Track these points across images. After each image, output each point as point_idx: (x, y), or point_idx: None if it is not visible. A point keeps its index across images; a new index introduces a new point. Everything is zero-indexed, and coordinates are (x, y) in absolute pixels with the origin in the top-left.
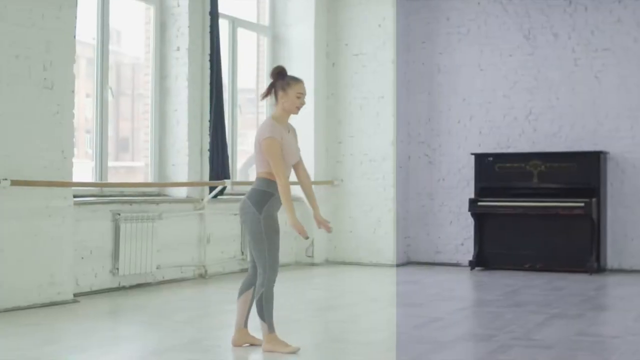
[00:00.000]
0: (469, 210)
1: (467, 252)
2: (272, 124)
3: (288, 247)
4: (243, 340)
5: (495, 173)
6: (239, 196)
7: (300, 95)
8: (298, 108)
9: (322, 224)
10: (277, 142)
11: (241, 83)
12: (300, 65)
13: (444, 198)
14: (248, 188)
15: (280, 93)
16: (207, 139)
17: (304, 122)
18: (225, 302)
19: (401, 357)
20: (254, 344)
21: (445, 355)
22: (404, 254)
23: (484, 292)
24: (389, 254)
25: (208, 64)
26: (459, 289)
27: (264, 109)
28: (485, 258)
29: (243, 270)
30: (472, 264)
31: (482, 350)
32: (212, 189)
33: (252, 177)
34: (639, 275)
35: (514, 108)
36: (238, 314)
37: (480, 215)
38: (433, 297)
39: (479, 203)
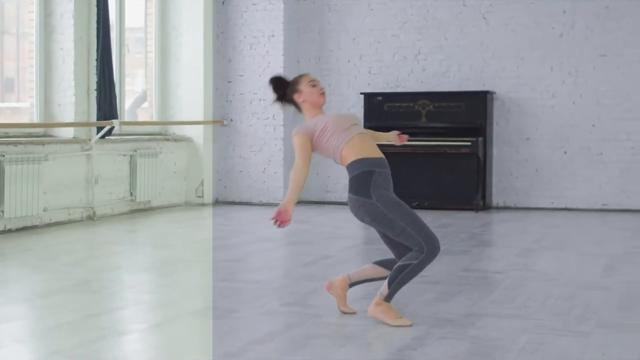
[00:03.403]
0: None
1: None
2: (307, 124)
3: (177, 187)
4: (339, 290)
5: (384, 112)
6: (127, 136)
7: (314, 83)
8: (322, 94)
9: (400, 138)
10: (303, 137)
11: (129, 21)
12: (190, 4)
13: None
14: (136, 128)
15: (294, 97)
16: (94, 79)
17: (193, 62)
18: (113, 244)
19: (291, 295)
20: (338, 301)
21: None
22: None
23: (372, 230)
24: (279, 193)
25: (95, 1)
26: (348, 228)
27: (153, 47)
28: None
29: (132, 211)
30: None
31: (371, 286)
32: (99, 129)
33: (141, 117)
34: (523, 212)
35: (403, 48)
36: (360, 270)
37: None
38: (323, 235)
39: None
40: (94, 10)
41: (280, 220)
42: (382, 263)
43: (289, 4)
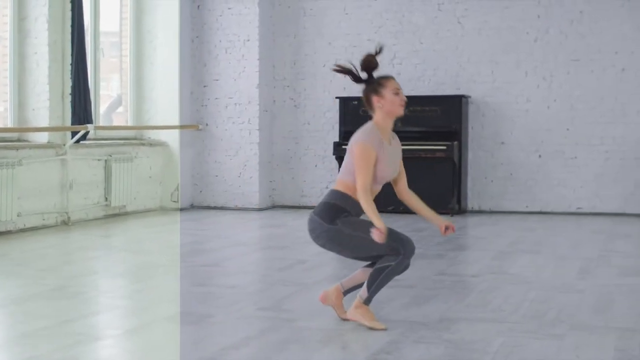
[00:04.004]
0: (334, 154)
1: None
2: (371, 130)
3: (153, 191)
4: (333, 300)
5: (360, 117)
6: (102, 141)
7: (398, 92)
8: (402, 106)
9: (449, 227)
10: (371, 150)
11: (104, 26)
12: (165, 8)
13: (309, 142)
14: (111, 133)
15: (374, 98)
16: (68, 83)
17: (168, 66)
18: (88, 249)
19: (266, 299)
20: (336, 310)
21: (309, 296)
22: (269, 197)
23: None
24: (255, 198)
25: (69, 5)
26: None
27: (128, 51)
28: None
29: (107, 216)
30: None
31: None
32: (74, 133)
33: (116, 121)
34: (498, 216)
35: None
36: (352, 277)
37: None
38: (298, 240)
39: (344, 146)
40: (69, 14)
41: (379, 237)
42: (372, 265)
43: (265, 8)
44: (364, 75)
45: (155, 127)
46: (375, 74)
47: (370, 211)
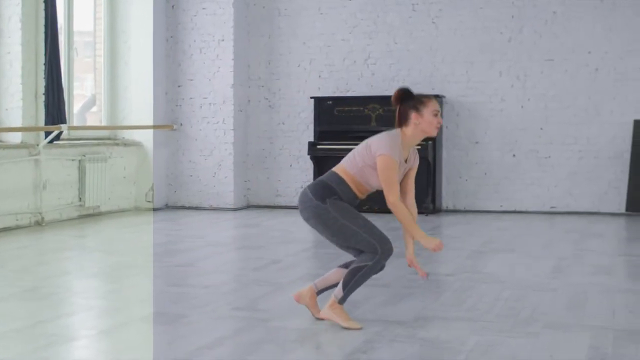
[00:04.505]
0: (309, 153)
1: None
2: (396, 141)
3: (127, 192)
4: (307, 300)
5: (335, 117)
6: (76, 141)
7: (437, 113)
8: (437, 128)
9: (415, 266)
10: (395, 162)
11: (78, 25)
12: (139, 7)
13: (283, 142)
14: (85, 133)
15: (412, 114)
16: (42, 83)
17: (142, 66)
18: (62, 250)
19: (241, 299)
20: (311, 310)
21: (284, 296)
22: (244, 197)
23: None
24: (229, 197)
25: (42, 5)
26: (298, 232)
27: (102, 51)
28: None
29: (81, 217)
30: None
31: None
32: (47, 133)
33: (90, 121)
34: (472, 215)
35: (353, 52)
36: (325, 277)
37: (319, 159)
38: (273, 239)
39: (318, 146)
40: (42, 13)
41: (438, 249)
42: (347, 265)
43: (239, 8)
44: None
45: (130, 127)
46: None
47: (410, 226)
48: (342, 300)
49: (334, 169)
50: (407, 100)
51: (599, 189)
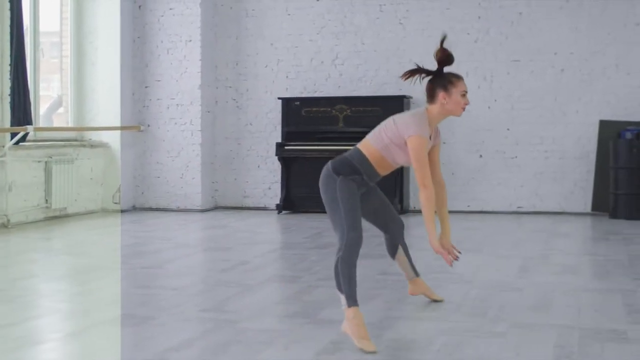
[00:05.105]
0: (276, 154)
1: (275, 196)
2: (424, 120)
3: (94, 193)
4: (418, 290)
5: (302, 117)
6: (42, 142)
7: (465, 93)
8: (463, 109)
9: (450, 251)
10: (426, 140)
11: (44, 25)
12: (105, 7)
13: (251, 142)
14: (52, 134)
15: (440, 93)
16: (7, 84)
17: (109, 67)
18: (28, 252)
19: (208, 300)
20: (429, 296)
21: (252, 297)
22: (211, 198)
23: (290, 235)
24: (197, 199)
25: (8, 5)
26: (266, 233)
27: (68, 52)
28: (292, 201)
29: (47, 219)
30: (279, 208)
31: (288, 291)
32: (13, 135)
33: (56, 122)
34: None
35: (321, 52)
36: (402, 268)
37: (287, 160)
38: (241, 241)
39: (286, 147)
40: (7, 13)
41: (446, 260)
42: (391, 254)
43: (206, 9)
44: (436, 68)
45: (97, 129)
46: (447, 68)
47: (430, 225)
48: (350, 302)
49: (358, 145)
50: (437, 79)
51: (564, 189)
